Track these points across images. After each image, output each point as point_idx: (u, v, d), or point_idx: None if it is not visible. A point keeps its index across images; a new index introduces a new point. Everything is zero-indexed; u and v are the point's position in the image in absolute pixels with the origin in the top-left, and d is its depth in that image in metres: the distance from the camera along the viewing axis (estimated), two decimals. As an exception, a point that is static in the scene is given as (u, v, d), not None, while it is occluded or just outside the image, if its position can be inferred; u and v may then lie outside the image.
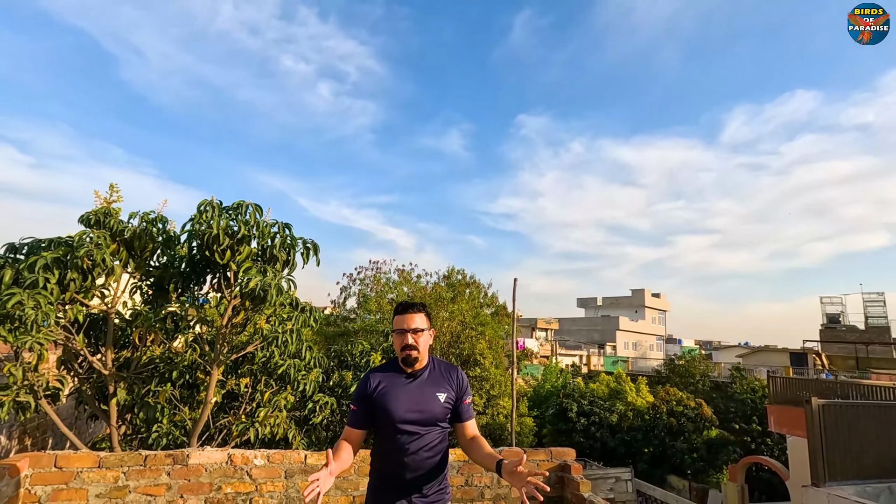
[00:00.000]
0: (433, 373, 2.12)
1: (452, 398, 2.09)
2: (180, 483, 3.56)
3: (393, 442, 2.03)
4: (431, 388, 2.06)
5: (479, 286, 22.34)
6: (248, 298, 3.55)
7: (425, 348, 2.10)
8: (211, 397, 3.85)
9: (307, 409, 4.76)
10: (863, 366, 33.37)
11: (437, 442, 2.07)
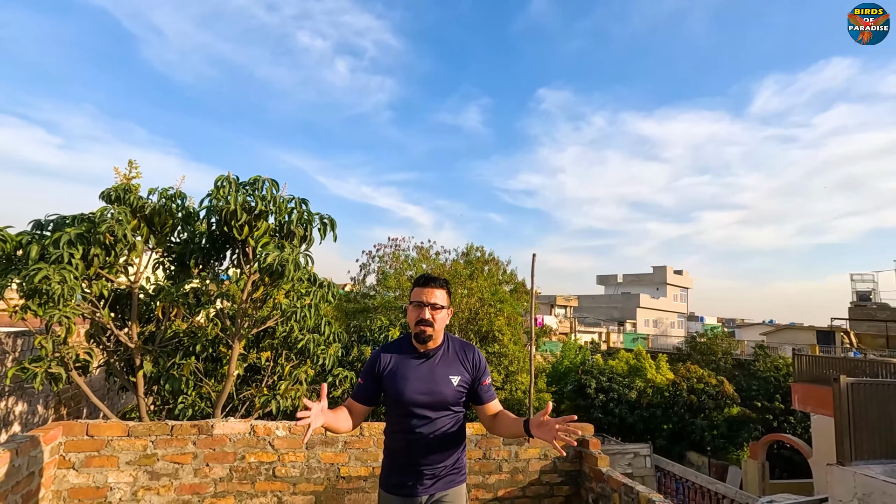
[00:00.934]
0: (447, 353, 2.00)
1: (468, 380, 1.98)
2: (205, 452, 3.66)
3: (402, 424, 1.96)
4: (444, 370, 1.95)
5: (497, 263, 22.29)
6: (267, 274, 3.57)
7: (441, 327, 1.98)
8: (233, 370, 3.92)
9: (327, 382, 4.83)
10: (893, 344, 32.48)
11: (450, 426, 1.96)
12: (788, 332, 39.94)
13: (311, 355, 4.27)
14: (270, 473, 3.76)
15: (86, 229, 3.42)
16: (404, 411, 1.93)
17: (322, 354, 4.37)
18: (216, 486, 3.65)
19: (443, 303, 1.97)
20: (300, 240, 4.01)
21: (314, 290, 3.97)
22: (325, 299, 4.10)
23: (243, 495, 3.69)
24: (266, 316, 4.14)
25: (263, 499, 3.71)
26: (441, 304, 1.96)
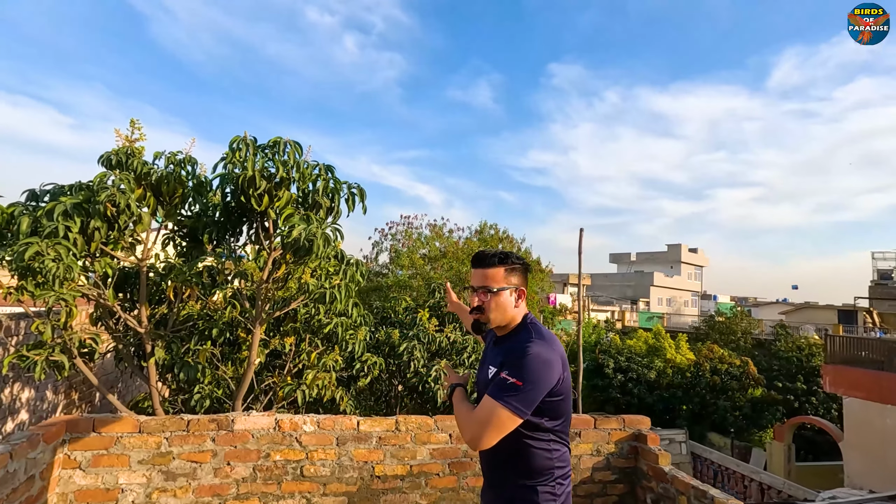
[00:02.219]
0: (507, 342, 1.64)
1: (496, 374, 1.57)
2: (226, 450, 3.28)
3: None
4: (490, 360, 1.67)
5: (512, 241, 21.85)
6: (291, 250, 3.10)
7: (503, 314, 1.64)
8: (254, 357, 3.51)
9: (355, 369, 4.42)
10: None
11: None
12: (808, 312, 39.15)
13: (339, 341, 3.83)
14: (298, 473, 3.37)
15: (84, 198, 2.96)
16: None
17: (351, 340, 3.94)
18: (238, 488, 3.27)
19: (494, 285, 1.64)
20: (326, 211, 3.53)
21: (343, 268, 3.50)
22: (353, 279, 3.64)
23: (269, 497, 3.31)
24: (289, 297, 3.70)
25: (291, 500, 3.34)
26: (492, 288, 1.63)
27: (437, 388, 4.65)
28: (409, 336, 5.18)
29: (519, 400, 1.42)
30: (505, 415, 1.41)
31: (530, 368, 1.45)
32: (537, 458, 1.56)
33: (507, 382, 1.44)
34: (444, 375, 4.89)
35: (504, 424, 1.42)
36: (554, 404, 1.53)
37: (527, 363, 1.46)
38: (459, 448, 3.72)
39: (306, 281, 3.28)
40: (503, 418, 1.42)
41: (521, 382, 1.43)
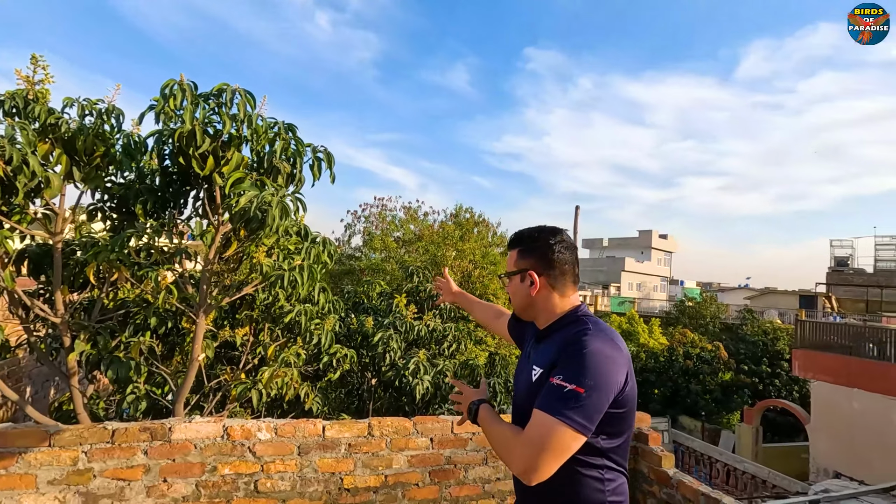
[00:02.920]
0: (553, 338, 1.36)
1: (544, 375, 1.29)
2: (162, 464, 2.71)
3: None
4: (534, 359, 1.39)
5: (487, 225, 21.47)
6: (240, 222, 2.51)
7: (519, 302, 1.45)
8: (198, 352, 2.92)
9: (322, 362, 3.88)
10: (872, 309, 33.04)
11: None
12: (771, 297, 40.40)
13: (303, 331, 3.28)
14: (252, 489, 2.84)
15: (-35, 153, 2.29)
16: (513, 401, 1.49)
17: (317, 330, 3.39)
18: (178, 510, 2.72)
19: (508, 268, 1.48)
20: (286, 178, 2.94)
21: (306, 246, 2.93)
22: (319, 260, 3.08)
23: (216, 519, 2.77)
24: (242, 280, 3.11)
25: (243, 521, 2.81)
26: (510, 270, 1.47)
27: (415, 383, 4.16)
28: (385, 324, 4.66)
29: (583, 413, 1.14)
30: (568, 435, 1.14)
31: (591, 369, 1.18)
32: (585, 490, 1.26)
33: (565, 390, 1.16)
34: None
35: (568, 447, 1.15)
36: (615, 418, 1.23)
37: (586, 362, 1.18)
38: (441, 454, 3.26)
39: (259, 261, 2.70)
40: (566, 439, 1.14)
41: (583, 389, 1.15)
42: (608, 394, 1.18)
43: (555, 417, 1.13)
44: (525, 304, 1.43)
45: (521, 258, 1.43)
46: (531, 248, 1.42)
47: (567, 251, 1.40)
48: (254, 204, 2.39)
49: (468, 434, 3.35)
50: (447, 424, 3.28)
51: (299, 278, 2.70)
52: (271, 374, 2.99)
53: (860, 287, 35.22)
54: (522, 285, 1.41)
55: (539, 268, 1.39)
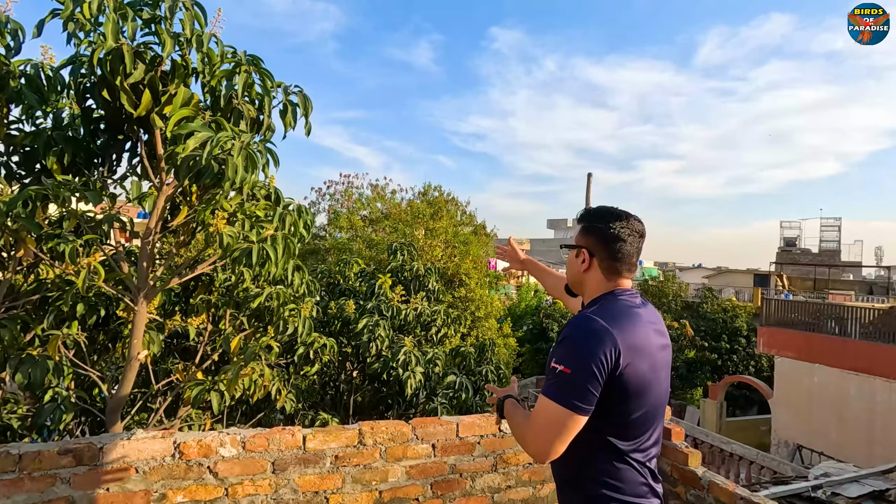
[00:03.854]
0: None
1: None
2: (93, 495, 2.07)
3: None
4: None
5: (457, 203, 21.01)
6: (190, 176, 1.85)
7: (571, 276, 1.47)
8: (138, 348, 2.27)
9: (297, 354, 3.27)
10: (819, 287, 34.79)
11: None
12: (728, 276, 41.91)
13: (275, 319, 2.66)
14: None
15: None
16: None
17: (292, 318, 2.78)
18: (113, 554, 2.09)
19: (572, 241, 1.46)
20: (250, 126, 2.27)
21: (279, 213, 2.30)
22: (296, 232, 2.45)
23: (166, 561, 2.16)
24: (196, 257, 2.45)
25: (203, 561, 2.22)
26: (570, 243, 1.46)
27: (406, 377, 3.61)
28: (368, 309, 4.07)
29: (573, 392, 1.19)
30: (562, 413, 1.18)
31: (575, 348, 1.22)
32: (585, 479, 1.31)
33: (556, 371, 1.22)
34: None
35: (565, 426, 1.19)
36: (606, 398, 1.22)
37: (572, 342, 1.24)
38: (445, 462, 2.74)
39: (219, 230, 2.04)
40: (560, 418, 1.19)
41: (569, 369, 1.20)
42: (595, 371, 1.18)
43: (549, 399, 1.20)
44: (574, 279, 1.46)
45: (582, 234, 1.43)
46: (593, 227, 1.40)
47: (629, 238, 1.36)
48: (207, 149, 1.74)
49: (475, 437, 2.84)
50: (451, 427, 2.76)
51: (272, 253, 2.07)
52: (236, 374, 2.36)
53: (806, 266, 37.06)
54: (576, 260, 1.42)
55: (594, 248, 1.38)
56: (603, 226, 1.38)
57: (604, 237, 1.37)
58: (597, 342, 1.20)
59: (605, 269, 1.37)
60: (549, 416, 1.20)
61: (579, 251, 1.40)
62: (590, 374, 1.18)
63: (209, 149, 1.71)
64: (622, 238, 1.36)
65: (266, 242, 2.09)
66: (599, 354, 1.19)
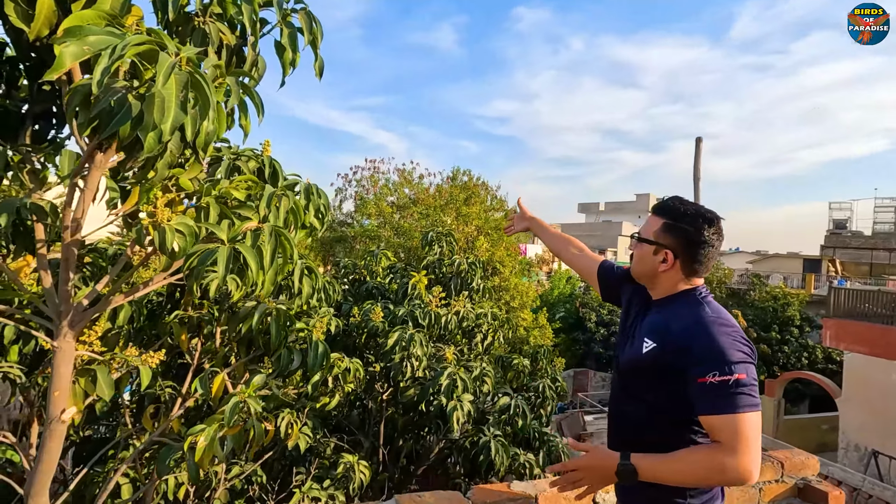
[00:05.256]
0: (663, 312, 1.35)
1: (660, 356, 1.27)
2: None
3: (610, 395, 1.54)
4: (646, 329, 1.36)
5: (487, 188, 20.12)
6: (92, 126, 1.03)
7: (641, 270, 1.41)
8: (62, 403, 1.49)
9: (310, 383, 2.47)
10: (876, 272, 32.56)
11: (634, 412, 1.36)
12: (774, 261, 39.70)
13: (274, 348, 1.85)
14: None
15: None
16: (614, 369, 1.55)
17: (297, 342, 1.97)
18: None
19: (644, 233, 1.41)
20: (228, 57, 1.43)
21: (269, 194, 1.46)
22: (299, 222, 1.61)
23: None
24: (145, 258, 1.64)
25: None
26: (638, 234, 1.44)
27: (450, 407, 2.78)
28: (401, 316, 3.24)
29: (755, 389, 1.18)
30: (756, 419, 1.16)
31: (734, 350, 1.19)
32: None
33: (730, 383, 1.15)
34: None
35: (759, 433, 1.17)
36: None
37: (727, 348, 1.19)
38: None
39: (159, 224, 1.21)
40: (757, 424, 1.16)
41: (743, 374, 1.16)
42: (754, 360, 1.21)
43: (741, 413, 1.14)
44: (647, 274, 1.41)
45: (665, 232, 1.35)
46: (681, 229, 1.33)
47: (717, 243, 1.35)
48: (101, 64, 0.89)
49: (558, 511, 2.00)
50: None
51: (251, 258, 1.23)
52: (211, 438, 1.56)
53: (859, 250, 34.78)
54: (654, 258, 1.36)
55: (679, 251, 1.33)
56: (693, 230, 1.32)
57: (692, 241, 1.33)
58: (743, 339, 1.23)
59: (685, 271, 1.35)
60: (755, 428, 1.14)
61: (659, 250, 1.35)
62: (754, 368, 1.19)
63: (104, 62, 0.87)
64: (711, 244, 1.33)
65: (243, 241, 1.27)
66: (747, 348, 1.21)
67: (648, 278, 1.42)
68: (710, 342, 1.20)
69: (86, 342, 1.62)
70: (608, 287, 1.69)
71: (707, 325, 1.23)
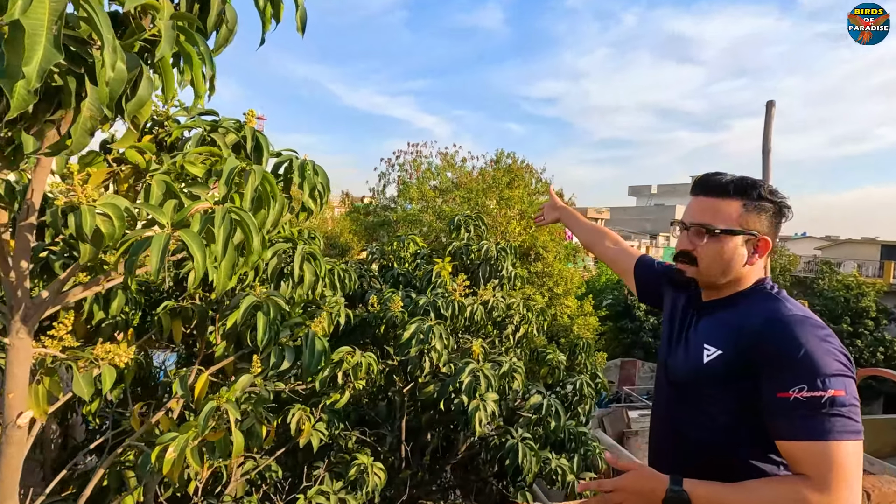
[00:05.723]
0: (726, 312, 1.14)
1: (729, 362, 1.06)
2: None
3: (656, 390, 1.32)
4: (703, 334, 1.15)
5: (532, 171, 19.53)
6: None
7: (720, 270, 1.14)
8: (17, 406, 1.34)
9: (318, 379, 2.28)
10: (972, 259, 29.44)
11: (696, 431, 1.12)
12: (845, 247, 36.64)
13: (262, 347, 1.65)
14: None
15: None
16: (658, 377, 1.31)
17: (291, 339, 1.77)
18: None
19: (722, 223, 1.12)
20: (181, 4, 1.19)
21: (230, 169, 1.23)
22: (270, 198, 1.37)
23: None
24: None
25: None
26: (716, 227, 1.12)
27: (472, 408, 2.53)
28: (421, 306, 3.00)
29: (855, 412, 0.94)
30: (858, 447, 0.93)
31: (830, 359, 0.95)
32: None
33: (823, 401, 0.92)
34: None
35: (861, 460, 0.95)
36: None
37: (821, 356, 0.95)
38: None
39: (73, 204, 1.00)
40: (859, 454, 0.93)
41: (842, 390, 0.93)
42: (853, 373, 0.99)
43: (837, 441, 0.92)
44: (726, 272, 1.14)
45: (749, 214, 1.12)
46: (763, 207, 1.13)
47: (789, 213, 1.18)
48: None
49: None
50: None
51: (195, 246, 1.00)
52: (181, 451, 1.38)
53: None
54: (738, 250, 1.12)
55: (769, 233, 1.14)
56: (777, 205, 1.14)
57: (777, 220, 1.16)
58: (840, 346, 1.00)
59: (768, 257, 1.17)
60: (855, 462, 0.92)
61: (749, 238, 1.12)
62: (854, 384, 0.96)
63: None
64: (786, 214, 1.16)
65: (189, 229, 1.04)
66: (845, 358, 0.99)
67: (726, 277, 1.16)
68: (797, 346, 0.97)
69: (55, 337, 1.47)
70: (646, 285, 1.50)
71: (792, 324, 1.01)
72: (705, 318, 1.20)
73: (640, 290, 1.54)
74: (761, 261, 1.17)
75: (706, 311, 1.21)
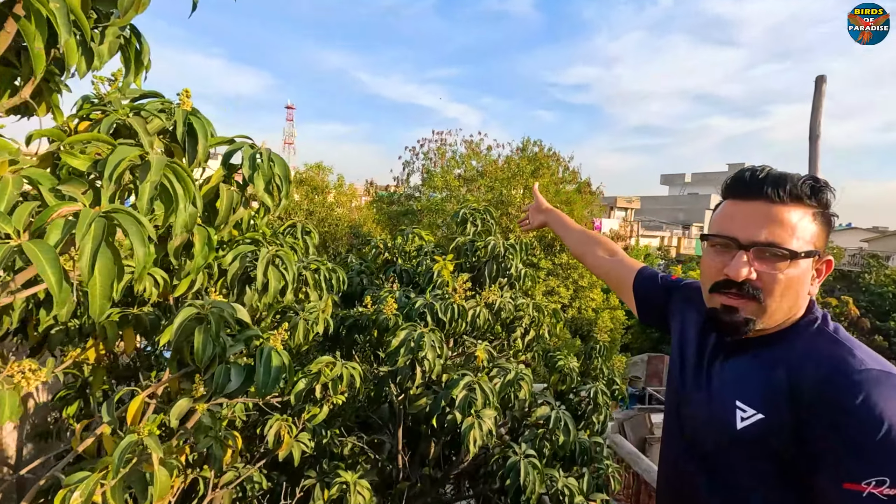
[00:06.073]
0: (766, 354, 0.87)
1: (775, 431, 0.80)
2: None
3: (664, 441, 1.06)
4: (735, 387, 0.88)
5: (559, 159, 18.99)
6: None
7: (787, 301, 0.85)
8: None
9: (293, 392, 2.06)
10: None
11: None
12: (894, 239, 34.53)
13: (205, 364, 1.43)
14: None
15: None
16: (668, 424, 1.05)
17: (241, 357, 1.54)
18: None
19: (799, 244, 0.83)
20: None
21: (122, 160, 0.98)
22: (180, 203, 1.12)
23: None
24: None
25: None
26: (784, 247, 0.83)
27: (466, 426, 2.27)
28: (416, 308, 2.75)
29: None
30: None
31: None
32: None
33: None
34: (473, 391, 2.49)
35: None
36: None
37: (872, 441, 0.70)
38: None
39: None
40: None
41: None
42: None
43: None
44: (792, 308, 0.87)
45: (818, 226, 0.87)
46: (828, 215, 0.89)
47: None
48: None
49: None
50: None
51: (45, 264, 0.76)
52: (88, 493, 1.16)
53: None
54: (805, 273, 0.85)
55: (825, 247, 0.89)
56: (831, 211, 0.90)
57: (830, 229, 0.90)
58: None
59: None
60: None
61: (816, 260, 0.87)
62: None
63: None
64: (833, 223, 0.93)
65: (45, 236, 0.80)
66: None
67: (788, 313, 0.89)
68: (877, 421, 0.71)
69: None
70: (648, 303, 1.24)
71: (868, 385, 0.74)
72: (736, 357, 0.92)
73: (640, 309, 1.27)
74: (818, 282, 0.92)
75: (737, 346, 0.93)
